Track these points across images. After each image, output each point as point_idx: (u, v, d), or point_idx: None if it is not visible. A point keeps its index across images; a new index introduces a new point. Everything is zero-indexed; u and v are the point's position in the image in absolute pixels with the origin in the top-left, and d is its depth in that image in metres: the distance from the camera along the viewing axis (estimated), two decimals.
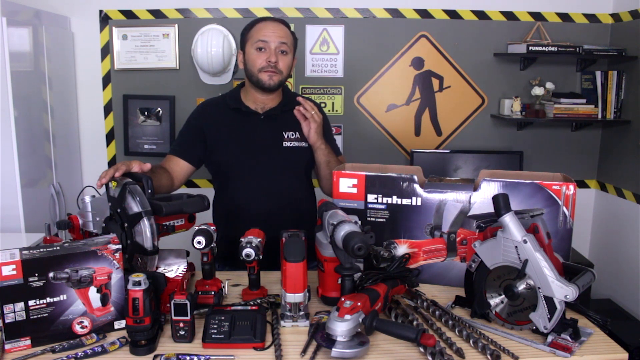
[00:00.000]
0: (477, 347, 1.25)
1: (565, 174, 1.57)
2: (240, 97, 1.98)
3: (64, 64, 3.00)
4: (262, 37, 1.86)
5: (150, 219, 1.38)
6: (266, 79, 1.87)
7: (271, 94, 1.94)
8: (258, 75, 1.88)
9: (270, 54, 1.86)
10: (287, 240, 1.41)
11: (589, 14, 3.17)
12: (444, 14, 3.16)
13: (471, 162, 3.16)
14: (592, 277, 1.34)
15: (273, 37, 1.86)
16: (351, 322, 1.20)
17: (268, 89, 1.90)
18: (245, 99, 1.97)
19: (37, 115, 2.65)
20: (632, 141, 3.02)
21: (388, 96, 3.23)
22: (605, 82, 3.11)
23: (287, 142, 1.94)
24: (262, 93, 1.93)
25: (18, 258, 1.21)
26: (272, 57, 1.85)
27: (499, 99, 3.24)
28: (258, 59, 1.87)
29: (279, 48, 1.87)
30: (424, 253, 1.61)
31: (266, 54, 1.86)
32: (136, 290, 1.22)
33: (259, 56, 1.87)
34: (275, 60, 1.86)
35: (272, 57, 1.85)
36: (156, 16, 3.09)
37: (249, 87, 1.95)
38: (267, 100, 1.95)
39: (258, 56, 1.87)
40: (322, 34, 3.13)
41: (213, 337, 1.27)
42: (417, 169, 1.68)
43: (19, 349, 1.24)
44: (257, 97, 1.95)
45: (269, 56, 1.86)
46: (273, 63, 1.85)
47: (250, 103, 1.96)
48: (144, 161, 1.59)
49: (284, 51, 1.88)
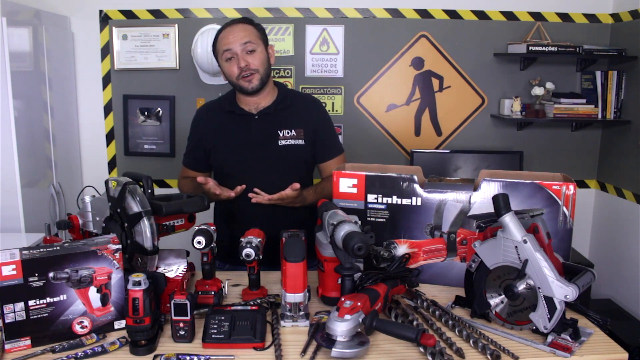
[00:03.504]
0: (477, 347, 1.25)
1: (565, 174, 1.57)
2: (235, 99, 1.99)
3: (64, 64, 3.00)
4: (225, 47, 1.87)
5: (150, 218, 1.38)
6: (246, 84, 1.88)
7: (260, 93, 1.94)
8: (237, 83, 1.89)
9: (238, 60, 1.86)
10: (287, 240, 1.41)
11: (589, 14, 3.17)
12: (444, 14, 3.15)
13: (471, 162, 3.16)
14: (592, 277, 1.34)
15: (235, 42, 1.86)
16: (351, 322, 1.20)
17: (253, 92, 1.91)
18: (239, 101, 1.98)
19: (37, 115, 2.65)
20: (632, 141, 3.02)
21: (388, 96, 3.23)
22: (605, 82, 3.11)
23: (283, 141, 1.94)
24: (251, 95, 1.93)
25: (18, 258, 1.21)
26: (242, 63, 1.86)
27: (499, 99, 3.24)
28: (230, 68, 1.89)
29: (244, 49, 1.86)
30: (424, 253, 1.61)
31: (235, 62, 1.87)
32: (136, 290, 1.22)
33: (231, 66, 1.88)
34: (245, 64, 1.86)
35: (241, 63, 1.86)
36: (156, 16, 3.09)
37: (238, 93, 1.97)
38: (260, 100, 1.96)
39: (230, 66, 1.89)
40: (322, 34, 3.13)
41: (213, 337, 1.27)
42: (417, 169, 1.68)
43: (19, 349, 1.24)
44: (248, 99, 1.95)
45: (238, 62, 1.86)
46: (244, 67, 1.86)
47: (244, 105, 1.97)
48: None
49: (250, 50, 1.87)
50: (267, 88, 1.95)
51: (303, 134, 1.95)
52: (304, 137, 1.95)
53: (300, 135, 1.95)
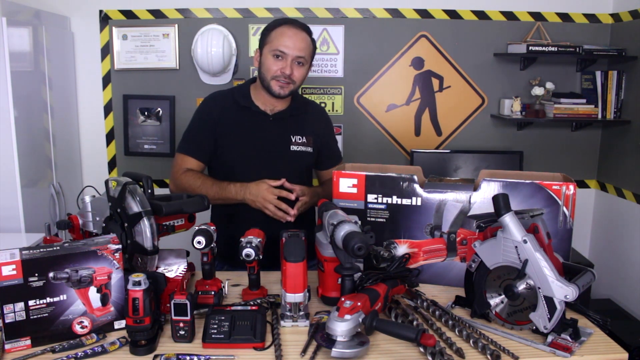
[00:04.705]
0: (477, 347, 1.25)
1: (565, 174, 1.57)
2: (250, 94, 1.96)
3: (64, 64, 3.00)
4: (281, 47, 1.82)
5: (150, 218, 1.38)
6: (277, 88, 1.85)
7: (281, 99, 1.93)
8: (270, 82, 1.85)
9: (286, 65, 1.82)
10: (287, 240, 1.41)
11: (589, 14, 3.17)
12: (444, 14, 3.15)
13: (471, 162, 3.16)
14: (592, 277, 1.34)
15: (292, 49, 1.82)
16: (351, 322, 1.20)
17: (277, 97, 1.89)
18: (255, 98, 1.95)
19: (37, 115, 2.65)
20: (632, 141, 3.02)
21: (388, 96, 3.23)
22: (605, 82, 3.11)
23: (294, 146, 1.93)
24: (271, 97, 1.91)
25: (18, 258, 1.21)
26: (287, 70, 1.82)
27: (499, 99, 3.24)
28: (273, 65, 1.84)
29: (296, 60, 1.83)
30: (424, 253, 1.61)
31: (282, 63, 1.83)
32: (136, 290, 1.22)
33: (275, 63, 1.83)
34: (290, 72, 1.83)
35: (287, 70, 1.82)
36: (156, 16, 3.09)
37: (260, 87, 1.92)
38: (277, 102, 1.94)
39: (274, 63, 1.84)
40: (322, 34, 3.13)
41: (213, 337, 1.27)
42: (417, 169, 1.68)
43: (19, 349, 1.24)
44: (266, 98, 1.93)
45: (285, 67, 1.82)
46: (287, 75, 1.83)
47: (260, 103, 1.94)
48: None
49: (300, 62, 1.85)
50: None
51: (312, 142, 1.97)
52: (312, 145, 1.97)
53: (310, 143, 1.96)
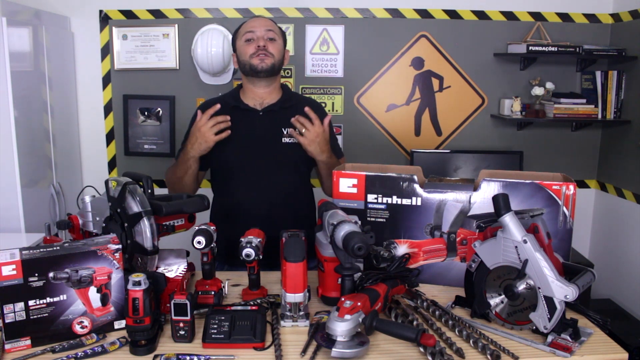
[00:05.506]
0: (477, 347, 1.25)
1: (565, 174, 1.57)
2: (239, 95, 1.99)
3: (64, 64, 3.00)
4: (248, 29, 1.92)
5: (150, 218, 1.38)
6: (257, 62, 1.89)
7: (268, 84, 1.94)
8: (250, 62, 1.90)
9: (258, 41, 1.89)
10: (287, 240, 1.41)
11: (589, 14, 3.17)
12: (444, 14, 3.16)
13: (471, 162, 3.16)
14: (592, 277, 1.34)
15: (259, 27, 1.91)
16: (351, 322, 1.20)
17: (262, 73, 1.89)
18: (244, 97, 1.98)
19: (37, 115, 2.65)
20: (632, 141, 3.02)
21: (388, 96, 3.23)
22: (605, 82, 3.11)
23: (286, 139, 1.94)
24: (259, 84, 1.93)
25: (18, 258, 1.21)
26: (261, 42, 1.89)
27: (499, 99, 3.24)
28: (247, 48, 1.90)
29: (266, 35, 1.91)
30: (424, 253, 1.61)
31: (255, 42, 1.90)
32: (136, 290, 1.22)
33: (248, 45, 1.91)
34: (263, 44, 1.89)
35: (260, 42, 1.89)
36: (156, 16, 3.09)
37: (246, 82, 1.97)
38: (265, 94, 1.95)
39: (247, 46, 1.91)
40: (322, 34, 3.13)
41: (213, 337, 1.27)
42: (417, 169, 1.68)
43: (19, 349, 1.24)
44: (255, 92, 1.95)
45: (257, 42, 1.89)
46: (262, 46, 1.88)
47: (249, 100, 1.96)
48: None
49: (272, 38, 1.92)
50: (275, 83, 1.97)
51: None
52: None
53: None
